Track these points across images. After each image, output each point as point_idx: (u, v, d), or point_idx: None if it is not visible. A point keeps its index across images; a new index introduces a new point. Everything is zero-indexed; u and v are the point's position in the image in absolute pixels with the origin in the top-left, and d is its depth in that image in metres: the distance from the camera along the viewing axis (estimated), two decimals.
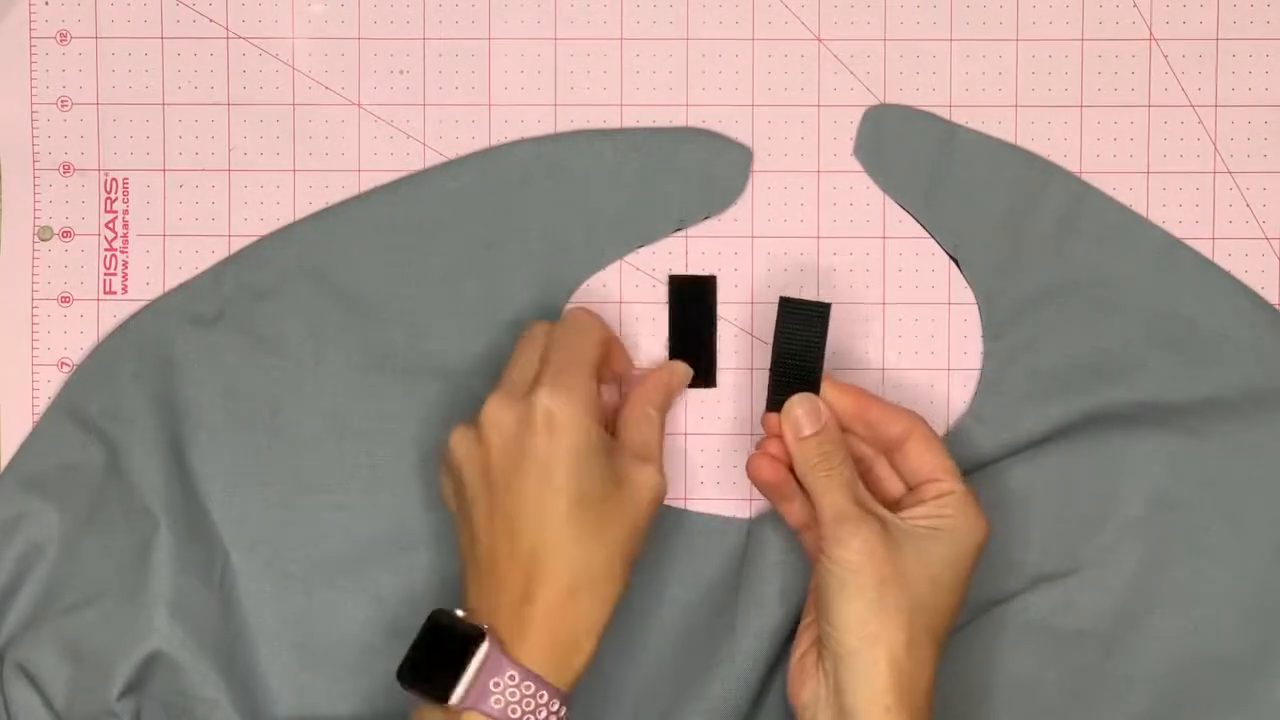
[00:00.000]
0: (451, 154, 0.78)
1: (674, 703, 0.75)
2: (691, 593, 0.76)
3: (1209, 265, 0.77)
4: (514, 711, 0.66)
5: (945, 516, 0.69)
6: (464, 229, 0.77)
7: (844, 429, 0.71)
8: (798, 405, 0.71)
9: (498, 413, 0.69)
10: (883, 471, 0.72)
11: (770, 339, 0.71)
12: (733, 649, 0.74)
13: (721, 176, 0.77)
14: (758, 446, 0.72)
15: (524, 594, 0.67)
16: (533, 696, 0.66)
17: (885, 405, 0.71)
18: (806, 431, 0.70)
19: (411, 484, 0.76)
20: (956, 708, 0.74)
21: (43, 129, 0.78)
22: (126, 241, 0.78)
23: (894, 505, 0.71)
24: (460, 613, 0.68)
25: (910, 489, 0.71)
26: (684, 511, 0.77)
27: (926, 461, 0.70)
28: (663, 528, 0.76)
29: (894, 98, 0.77)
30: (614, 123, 0.78)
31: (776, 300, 0.71)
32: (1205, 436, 0.75)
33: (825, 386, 0.71)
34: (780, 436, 0.71)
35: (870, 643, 0.66)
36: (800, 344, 0.72)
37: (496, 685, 0.66)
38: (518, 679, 0.66)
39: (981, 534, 0.69)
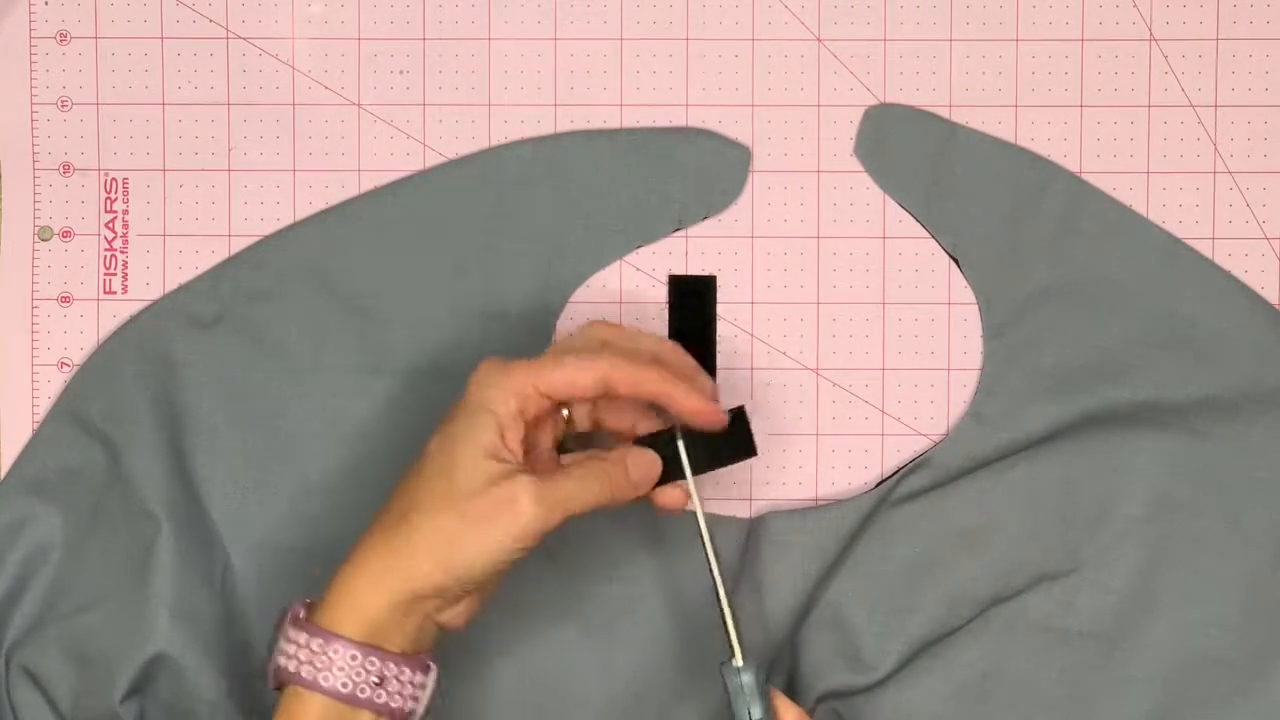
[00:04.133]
0: (451, 154, 0.78)
1: (674, 702, 0.75)
2: (691, 592, 0.76)
3: (1209, 265, 0.77)
4: (305, 670, 0.64)
5: None
6: (464, 229, 0.77)
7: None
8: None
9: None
10: None
11: (770, 338, 0.72)
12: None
13: (721, 176, 0.77)
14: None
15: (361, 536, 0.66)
16: (321, 651, 0.64)
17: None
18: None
19: None
20: (958, 708, 0.74)
21: (43, 129, 0.78)
22: (126, 241, 0.78)
23: None
24: None
25: None
26: (684, 511, 0.77)
27: None
28: (663, 527, 0.76)
29: (894, 98, 0.77)
30: (614, 123, 0.78)
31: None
32: (1205, 436, 0.75)
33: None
34: None
35: None
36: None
37: (289, 641, 0.65)
38: (305, 638, 0.64)
39: None
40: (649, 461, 0.69)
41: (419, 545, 0.64)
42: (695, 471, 0.69)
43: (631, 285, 0.77)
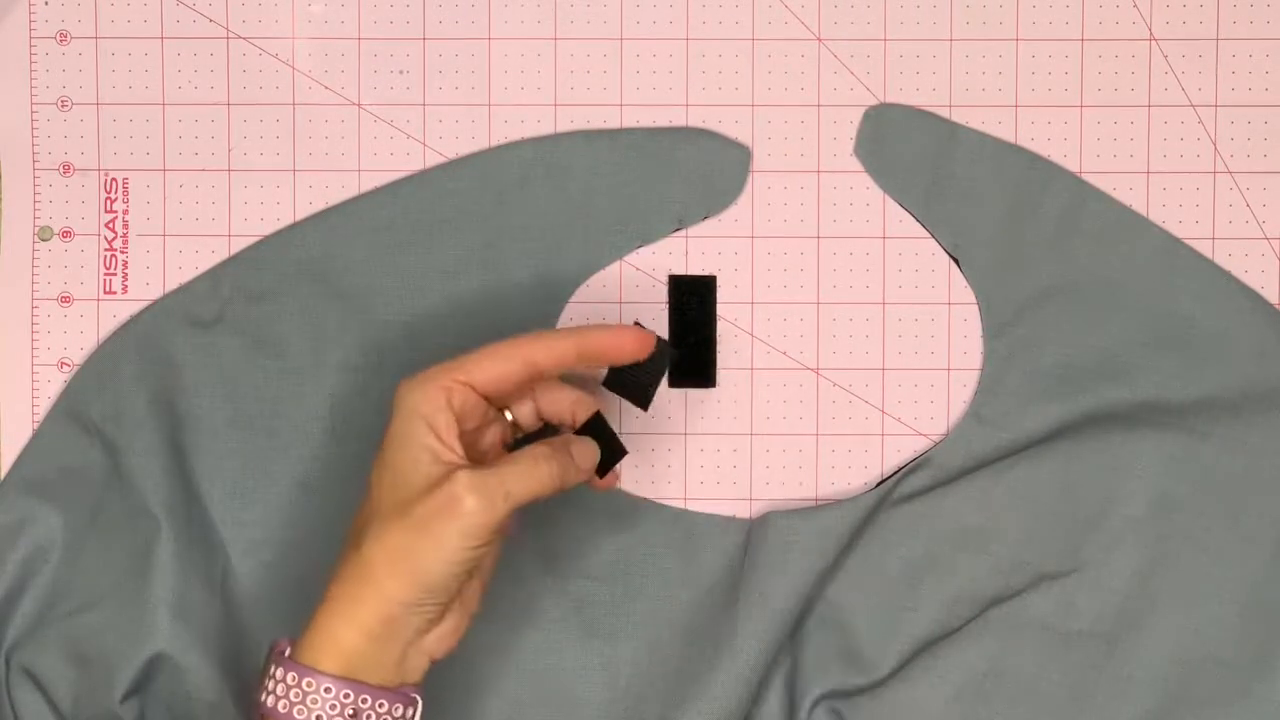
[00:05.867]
0: (451, 154, 0.78)
1: (674, 702, 0.75)
2: (691, 592, 0.76)
3: (1209, 265, 0.77)
4: (283, 705, 0.64)
5: None
6: (464, 229, 0.77)
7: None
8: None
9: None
10: None
11: (770, 338, 0.72)
12: (733, 648, 0.74)
13: (721, 176, 0.77)
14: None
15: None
16: (297, 685, 0.64)
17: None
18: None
19: None
20: (957, 707, 0.74)
21: (43, 129, 0.78)
22: (126, 241, 0.78)
23: None
24: None
25: None
26: (684, 511, 0.77)
27: None
28: (663, 527, 0.76)
29: (894, 98, 0.77)
30: (614, 123, 0.78)
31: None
32: (1205, 436, 0.75)
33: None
34: None
35: None
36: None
37: (271, 677, 0.64)
38: (285, 673, 0.64)
39: None
40: (589, 445, 0.69)
41: (377, 566, 0.64)
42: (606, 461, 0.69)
43: (631, 285, 0.77)
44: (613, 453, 0.69)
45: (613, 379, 0.69)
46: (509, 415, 0.69)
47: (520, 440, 0.70)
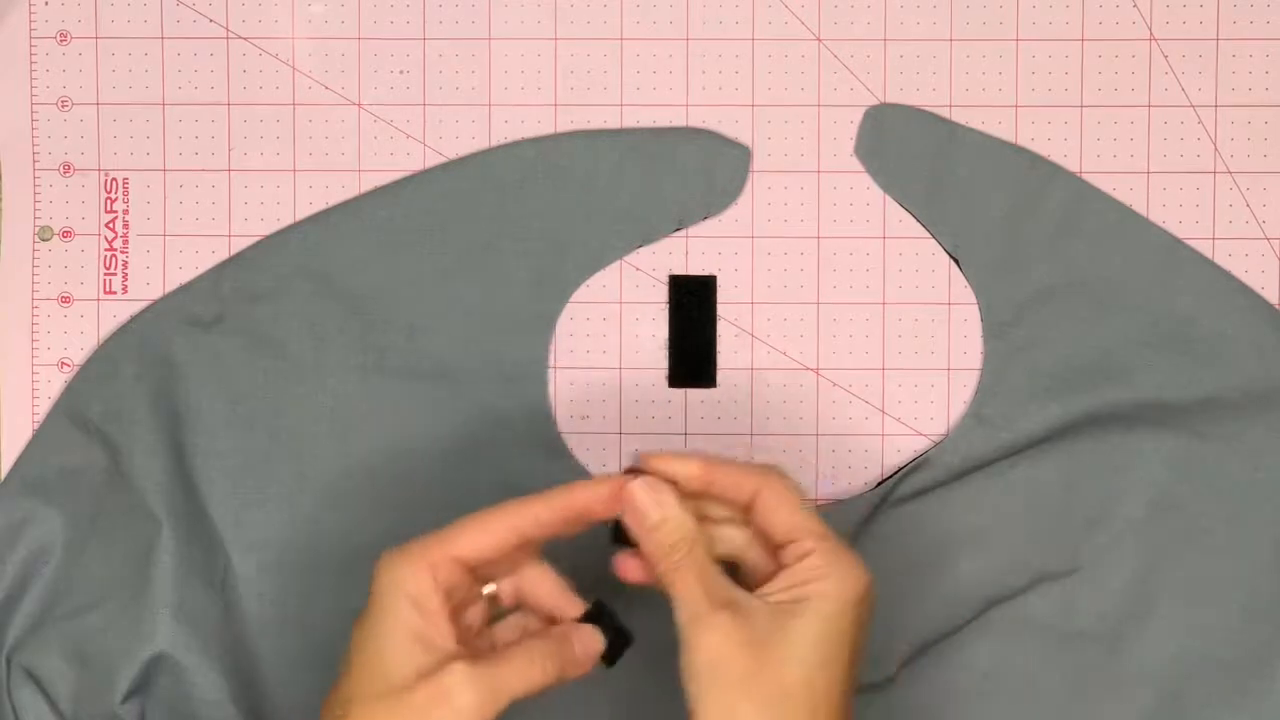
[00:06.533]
0: (451, 154, 0.78)
1: (677, 699, 0.75)
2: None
3: (1209, 265, 0.77)
4: None
5: (807, 583, 0.62)
6: (464, 229, 0.77)
7: (706, 497, 0.65)
8: (639, 491, 0.63)
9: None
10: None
11: (770, 338, 0.72)
12: None
13: (721, 176, 0.77)
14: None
15: None
16: None
17: (730, 466, 0.64)
18: (652, 520, 0.63)
19: (411, 484, 0.76)
20: (957, 707, 0.74)
21: (43, 129, 0.78)
22: (126, 241, 0.78)
23: (765, 578, 0.64)
24: None
25: (773, 554, 0.64)
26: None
27: (780, 520, 0.63)
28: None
29: (894, 98, 0.77)
30: (614, 123, 0.78)
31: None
32: (1205, 436, 0.75)
33: (665, 460, 0.64)
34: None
35: None
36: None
37: None
38: None
39: (853, 590, 0.62)
40: (593, 635, 0.64)
41: None
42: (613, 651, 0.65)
43: (631, 285, 0.77)
44: (619, 641, 0.65)
45: (618, 533, 0.65)
46: (490, 588, 0.65)
47: (496, 616, 0.66)
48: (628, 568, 0.65)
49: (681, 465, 0.64)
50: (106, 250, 0.78)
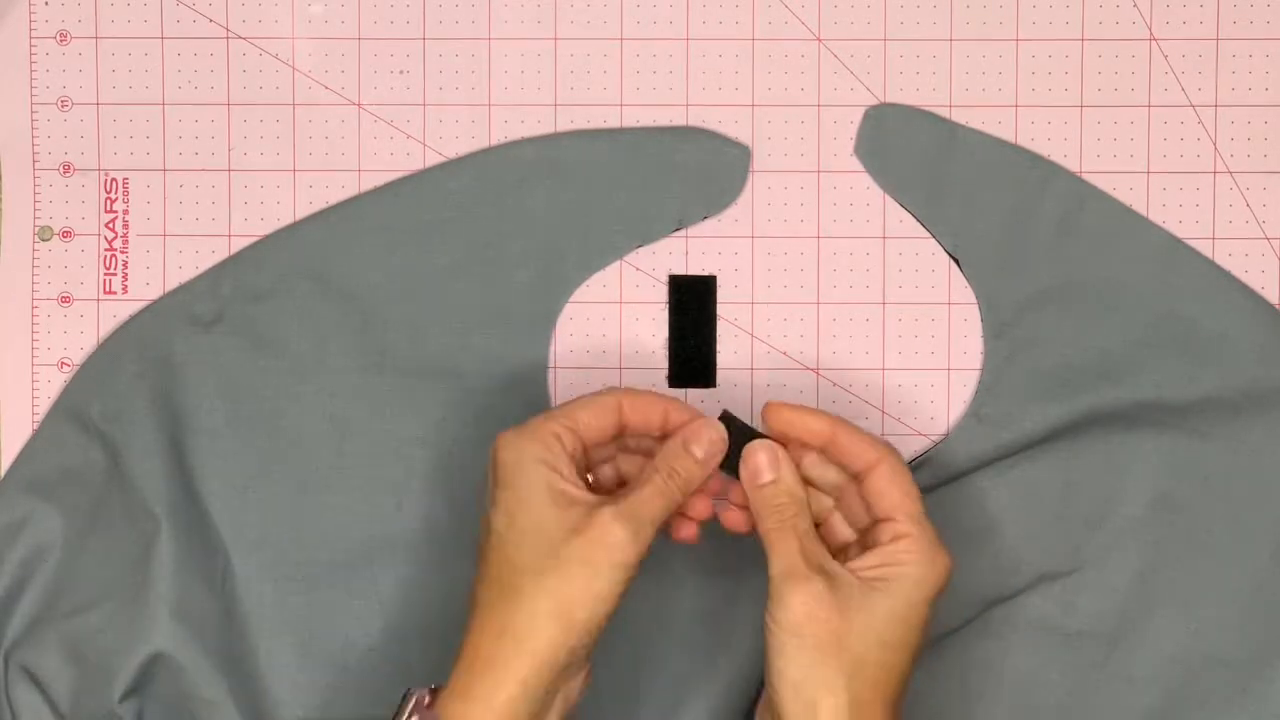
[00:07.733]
0: (451, 154, 0.78)
1: (679, 699, 0.75)
2: (696, 588, 0.76)
3: (1209, 265, 0.77)
4: None
5: (896, 564, 0.66)
6: (464, 229, 0.77)
7: (818, 450, 0.69)
8: (758, 451, 0.68)
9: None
10: (850, 506, 0.69)
11: (770, 338, 0.72)
12: (738, 644, 0.74)
13: (721, 176, 0.77)
14: (725, 495, 0.70)
15: (468, 628, 0.66)
16: None
17: (856, 433, 0.68)
18: (764, 479, 0.67)
19: (412, 484, 0.76)
20: (957, 707, 0.74)
21: (43, 129, 0.78)
22: (126, 241, 0.78)
23: (853, 546, 0.69)
24: None
25: (868, 527, 0.68)
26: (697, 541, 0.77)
27: (888, 497, 0.67)
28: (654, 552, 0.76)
29: (894, 98, 0.77)
30: (614, 123, 0.78)
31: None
32: (1205, 436, 0.75)
33: (796, 411, 0.68)
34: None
35: (807, 707, 0.64)
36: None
37: None
38: None
39: (937, 577, 0.66)
40: (707, 433, 0.68)
41: (539, 613, 0.64)
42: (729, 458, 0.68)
43: (631, 285, 0.77)
44: (742, 436, 0.68)
45: (726, 463, 0.68)
46: (590, 477, 0.69)
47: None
48: (732, 517, 0.69)
49: (812, 420, 0.68)
50: (106, 250, 0.78)
